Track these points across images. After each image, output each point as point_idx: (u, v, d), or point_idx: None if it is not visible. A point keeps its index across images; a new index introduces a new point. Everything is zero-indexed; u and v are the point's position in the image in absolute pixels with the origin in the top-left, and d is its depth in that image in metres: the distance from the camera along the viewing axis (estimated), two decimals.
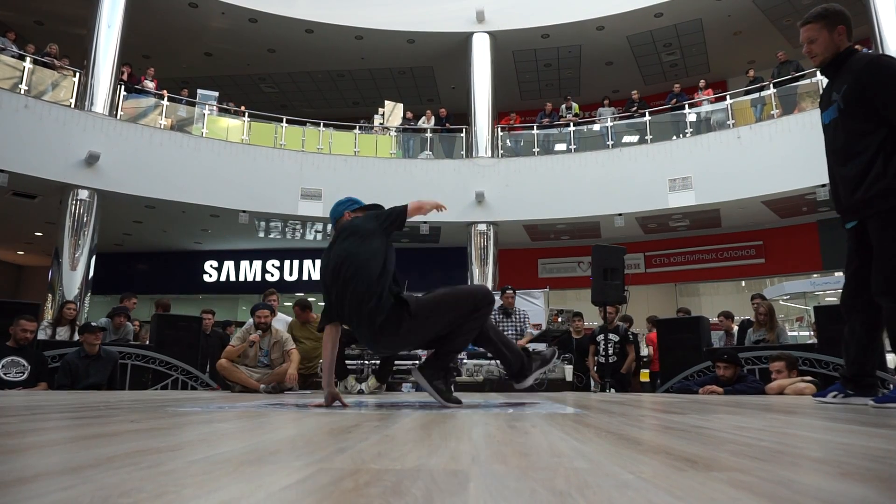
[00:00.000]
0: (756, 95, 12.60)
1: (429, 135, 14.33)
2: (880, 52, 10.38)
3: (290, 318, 6.90)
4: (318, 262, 15.64)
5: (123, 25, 11.98)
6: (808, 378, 4.63)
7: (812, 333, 7.96)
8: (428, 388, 2.79)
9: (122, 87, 12.07)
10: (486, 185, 13.06)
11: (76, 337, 6.65)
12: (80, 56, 11.78)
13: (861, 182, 2.55)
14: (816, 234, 13.17)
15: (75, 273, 10.82)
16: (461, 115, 14.47)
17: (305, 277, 15.59)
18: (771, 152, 11.19)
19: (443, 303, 2.80)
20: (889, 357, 5.71)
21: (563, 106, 14.52)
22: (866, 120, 2.55)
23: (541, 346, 7.43)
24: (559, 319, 7.58)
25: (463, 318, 2.80)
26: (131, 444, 1.13)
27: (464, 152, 13.90)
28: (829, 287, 11.18)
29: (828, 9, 2.74)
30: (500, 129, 14.11)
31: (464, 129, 14.07)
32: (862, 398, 2.69)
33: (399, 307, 2.70)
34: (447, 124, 14.46)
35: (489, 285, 12.84)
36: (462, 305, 2.80)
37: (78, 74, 11.54)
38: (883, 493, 0.67)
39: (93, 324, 5.91)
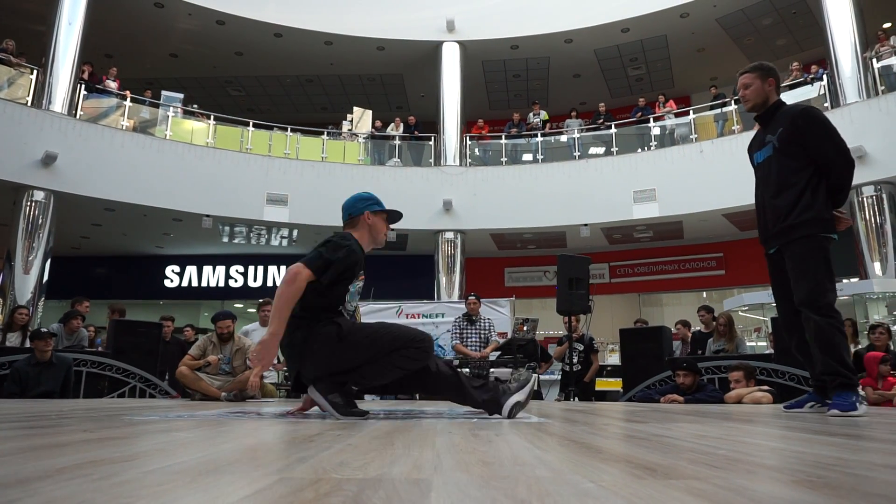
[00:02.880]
0: (718, 111, 12.96)
1: (397, 142, 14.32)
2: (835, 70, 10.84)
3: None
4: (282, 268, 15.45)
5: (85, 23, 11.68)
6: (766, 387, 4.76)
7: (769, 344, 8.18)
8: (321, 402, 2.52)
9: (83, 86, 11.77)
10: (454, 194, 13.10)
11: (28, 343, 6.43)
12: (38, 53, 11.44)
13: (793, 209, 2.92)
14: None
15: (28, 277, 10.47)
16: (430, 124, 14.50)
17: (270, 284, 15.38)
18: (732, 167, 11.47)
19: (371, 334, 2.56)
20: None
21: (531, 113, 14.68)
22: (798, 158, 2.95)
23: (505, 356, 7.46)
24: (524, 328, 7.62)
25: (383, 354, 2.51)
26: (84, 455, 1.10)
27: (432, 160, 13.92)
28: None
29: (763, 64, 3.22)
30: (468, 138, 14.19)
31: (432, 138, 14.10)
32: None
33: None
34: (416, 132, 14.47)
35: (455, 293, 12.86)
36: (384, 341, 2.51)
37: (36, 72, 11.20)
38: (832, 500, 0.69)
39: (43, 329, 5.72)
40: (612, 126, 13.67)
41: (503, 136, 14.36)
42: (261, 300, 6.95)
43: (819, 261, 2.84)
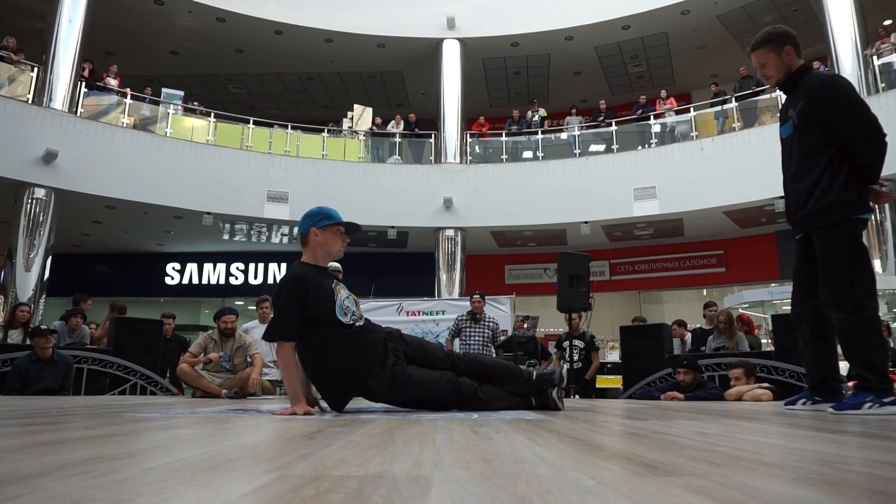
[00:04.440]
0: (719, 108, 12.94)
1: (398, 140, 14.31)
2: (835, 67, 10.78)
3: None
4: (283, 265, 15.47)
5: (85, 20, 11.67)
6: (766, 385, 4.76)
7: (769, 341, 8.17)
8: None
9: (83, 83, 11.76)
10: (455, 191, 13.09)
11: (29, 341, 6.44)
12: (39, 50, 11.43)
13: (810, 196, 2.66)
14: (774, 245, 13.55)
15: (30, 274, 10.47)
16: (430, 121, 14.49)
17: (270, 281, 15.38)
18: (732, 164, 11.49)
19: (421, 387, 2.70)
20: (842, 364, 5.90)
21: (530, 112, 14.66)
22: (818, 137, 2.66)
23: (506, 353, 7.46)
24: (525, 325, 7.62)
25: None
26: (85, 452, 1.10)
27: (432, 158, 13.91)
28: (785, 296, 11.50)
29: (771, 32, 2.84)
30: (469, 135, 14.18)
31: (433, 135, 14.09)
32: (827, 404, 2.73)
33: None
34: (416, 129, 14.46)
35: (456, 291, 12.86)
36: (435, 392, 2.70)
37: (36, 69, 11.19)
38: (832, 497, 0.70)
39: (42, 327, 5.72)
40: (613, 123, 13.65)
41: (503, 134, 14.34)
42: (260, 297, 6.95)
43: (842, 251, 2.58)
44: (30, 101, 10.96)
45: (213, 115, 13.33)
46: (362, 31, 13.99)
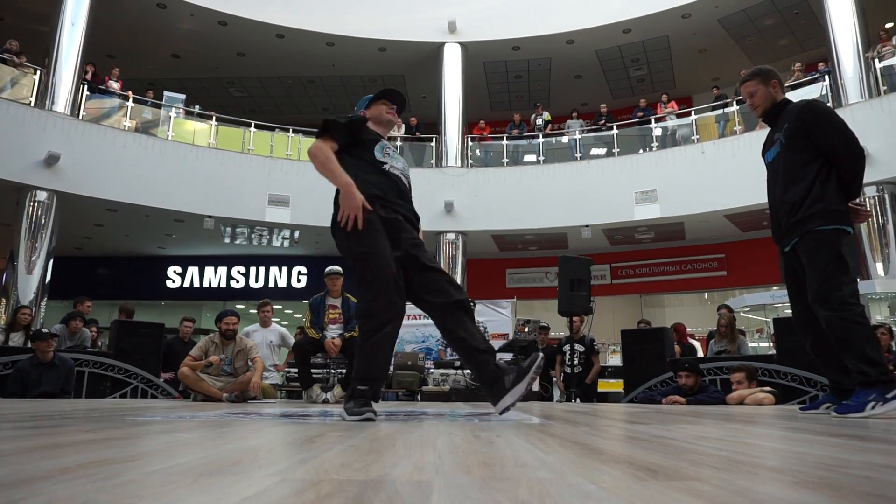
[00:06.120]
0: (720, 112, 12.95)
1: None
2: (837, 70, 10.83)
3: (284, 330, 6.87)
4: (284, 269, 15.47)
5: (88, 23, 11.71)
6: (768, 388, 4.76)
7: (771, 344, 8.17)
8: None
9: (85, 86, 11.79)
10: (456, 195, 13.10)
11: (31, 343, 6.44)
12: (41, 53, 11.47)
13: (802, 204, 2.87)
14: (776, 248, 13.52)
15: (31, 277, 10.48)
16: (431, 125, 14.50)
17: (272, 285, 15.39)
18: (733, 167, 11.47)
19: None
20: None
21: (534, 115, 14.67)
22: (805, 153, 2.91)
23: (507, 356, 7.46)
24: (526, 329, 7.62)
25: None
26: (86, 455, 1.10)
27: (433, 161, 13.92)
28: (787, 300, 11.44)
29: (761, 68, 3.24)
30: (469, 139, 14.19)
31: (434, 139, 14.10)
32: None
33: None
34: (417, 133, 14.47)
35: None
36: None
37: (39, 72, 11.22)
38: (833, 501, 0.69)
39: (44, 330, 5.73)
40: (614, 127, 13.66)
41: (504, 137, 14.35)
42: (261, 301, 6.98)
43: (829, 254, 2.76)
44: (32, 104, 10.99)
45: (214, 118, 13.36)
46: (363, 35, 14.02)
